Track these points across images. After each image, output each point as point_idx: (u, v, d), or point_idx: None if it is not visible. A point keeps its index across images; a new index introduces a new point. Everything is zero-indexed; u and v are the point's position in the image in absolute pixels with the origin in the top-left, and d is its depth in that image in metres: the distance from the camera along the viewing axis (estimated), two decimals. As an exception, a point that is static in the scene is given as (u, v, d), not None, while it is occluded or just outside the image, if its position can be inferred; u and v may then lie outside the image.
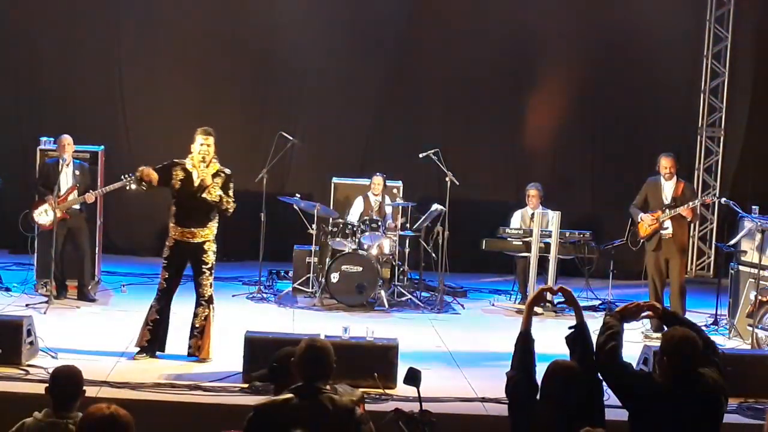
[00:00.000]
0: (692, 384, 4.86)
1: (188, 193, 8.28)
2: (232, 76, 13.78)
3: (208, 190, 8.26)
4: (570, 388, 4.85)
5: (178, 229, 8.33)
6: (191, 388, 7.46)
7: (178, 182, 8.32)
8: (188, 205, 8.30)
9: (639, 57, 13.92)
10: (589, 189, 14.14)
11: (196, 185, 8.28)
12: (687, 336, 4.95)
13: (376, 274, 10.95)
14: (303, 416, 4.46)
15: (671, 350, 4.91)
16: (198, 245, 8.34)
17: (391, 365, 7.75)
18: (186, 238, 8.32)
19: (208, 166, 8.38)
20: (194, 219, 8.31)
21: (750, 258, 10.44)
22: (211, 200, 8.27)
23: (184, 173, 8.34)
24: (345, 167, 12.88)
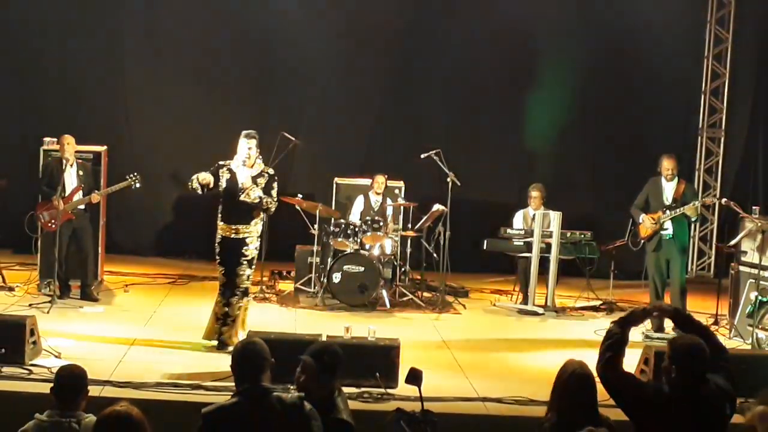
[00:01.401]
0: (697, 391, 4.84)
1: (233, 193, 8.74)
2: (234, 76, 13.81)
3: (247, 192, 8.66)
4: (583, 395, 4.85)
5: (224, 226, 8.80)
6: (193, 387, 7.49)
7: (224, 182, 8.77)
8: (233, 204, 8.73)
9: (640, 58, 13.94)
10: (590, 189, 14.16)
11: (240, 186, 8.72)
12: (694, 343, 4.91)
13: (378, 274, 10.97)
14: (252, 418, 4.45)
15: (678, 358, 4.88)
16: (241, 240, 8.77)
17: (393, 365, 7.77)
18: (231, 234, 8.75)
19: (252, 168, 8.81)
20: (239, 217, 8.76)
21: (750, 258, 10.46)
22: (249, 202, 8.70)
23: (229, 173, 8.81)
24: (347, 167, 12.90)
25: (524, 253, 11.50)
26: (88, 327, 9.42)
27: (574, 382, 4.85)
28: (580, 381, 4.85)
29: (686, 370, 4.82)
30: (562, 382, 4.88)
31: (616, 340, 5.07)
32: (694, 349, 4.86)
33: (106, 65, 13.61)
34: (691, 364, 4.83)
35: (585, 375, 4.87)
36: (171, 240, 13.82)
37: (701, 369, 4.84)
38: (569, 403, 4.80)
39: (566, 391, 4.84)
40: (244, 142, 8.88)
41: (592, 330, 10.30)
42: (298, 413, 4.46)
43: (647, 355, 8.13)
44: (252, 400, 4.49)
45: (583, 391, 4.82)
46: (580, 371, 4.88)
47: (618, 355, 5.02)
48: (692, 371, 4.82)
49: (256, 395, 4.50)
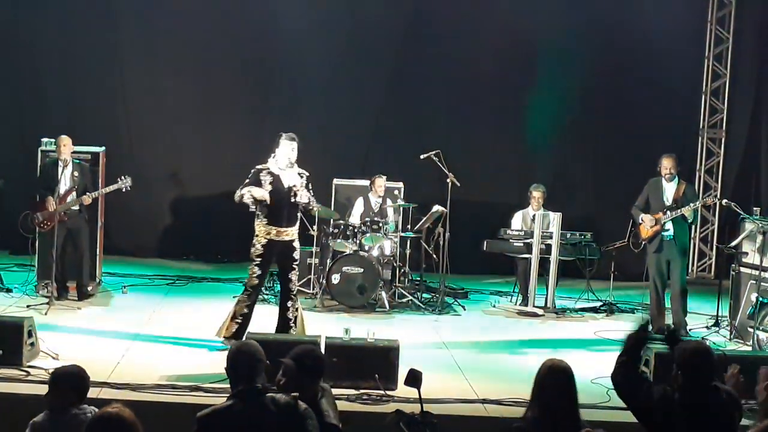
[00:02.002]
0: (706, 398, 4.81)
1: (279, 196, 8.74)
2: (233, 77, 13.79)
3: (299, 194, 8.75)
4: (565, 395, 4.82)
5: (270, 229, 8.77)
6: (192, 389, 7.46)
7: (268, 186, 8.76)
8: (279, 206, 8.75)
9: (640, 58, 13.91)
10: (590, 190, 14.14)
11: (286, 188, 8.76)
12: (699, 348, 4.90)
13: (377, 275, 10.95)
14: (246, 420, 4.44)
15: (684, 364, 4.86)
16: (288, 243, 8.84)
17: (392, 366, 7.74)
18: (278, 237, 8.76)
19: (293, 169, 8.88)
20: (285, 219, 8.82)
21: (751, 260, 10.43)
22: (303, 204, 8.83)
23: (271, 177, 8.81)
24: (346, 168, 12.88)
25: (524, 254, 11.47)
26: (86, 328, 9.39)
27: (549, 376, 4.82)
28: (555, 374, 4.81)
29: (692, 376, 4.80)
30: (539, 378, 4.86)
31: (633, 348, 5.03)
32: (699, 354, 4.84)
33: (106, 66, 13.59)
34: (697, 370, 4.80)
35: (561, 368, 4.83)
36: (169, 241, 13.79)
37: (707, 374, 4.81)
38: (546, 400, 4.77)
39: (543, 386, 4.82)
40: (287, 144, 8.92)
41: (591, 331, 10.28)
42: (292, 413, 4.44)
43: (647, 357, 8.10)
44: (246, 401, 4.47)
45: (557, 385, 4.77)
46: (555, 365, 4.85)
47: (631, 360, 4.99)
48: (698, 377, 4.80)
49: (250, 397, 4.48)
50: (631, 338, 5.09)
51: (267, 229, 8.78)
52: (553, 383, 4.80)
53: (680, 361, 4.87)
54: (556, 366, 4.86)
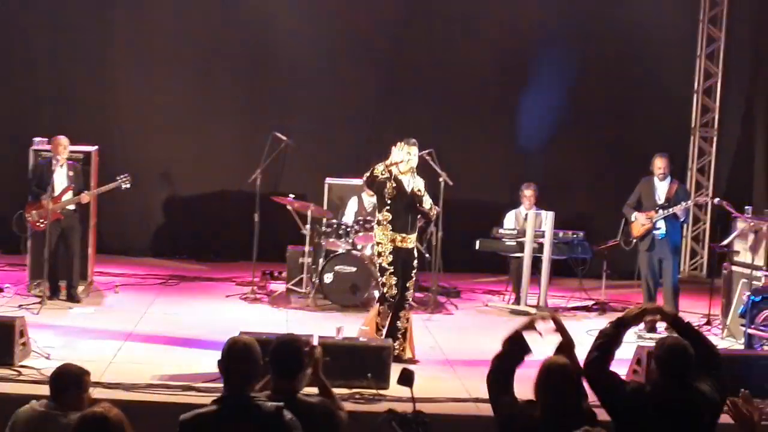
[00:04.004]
0: (678, 395, 4.82)
1: (403, 201, 8.65)
2: (226, 76, 13.76)
3: (422, 199, 8.69)
4: (563, 387, 4.81)
5: (395, 235, 8.68)
6: (185, 388, 7.46)
7: (392, 190, 8.65)
8: (403, 212, 8.68)
9: (632, 57, 13.92)
10: (582, 189, 14.13)
11: (408, 192, 8.66)
12: (678, 344, 4.90)
13: (370, 274, 10.94)
14: (230, 428, 4.38)
15: (661, 358, 4.88)
16: (410, 250, 8.78)
17: (385, 366, 7.75)
18: (403, 243, 8.70)
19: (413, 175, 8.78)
20: (409, 225, 8.76)
21: (743, 258, 10.46)
22: (427, 210, 8.77)
23: (395, 182, 8.67)
24: (339, 168, 12.84)
25: (516, 253, 11.48)
26: (78, 328, 9.38)
27: (549, 374, 4.79)
28: (554, 373, 4.80)
29: (668, 371, 4.81)
30: (539, 377, 4.85)
31: (607, 340, 5.06)
32: (677, 350, 4.84)
33: (97, 65, 13.54)
34: (672, 366, 4.81)
35: (560, 366, 4.82)
36: (162, 240, 13.77)
37: (683, 371, 4.81)
38: (549, 397, 4.76)
39: (544, 385, 4.81)
40: (412, 149, 8.77)
41: (584, 330, 10.28)
42: (277, 423, 4.40)
43: (639, 356, 8.13)
44: (231, 408, 4.42)
45: (557, 382, 4.76)
46: (554, 364, 4.84)
47: (606, 354, 5.01)
48: (673, 373, 4.81)
49: (235, 403, 4.43)
50: (604, 333, 5.12)
51: (390, 235, 8.67)
52: (553, 382, 4.79)
53: (657, 354, 4.89)
54: (555, 364, 4.86)
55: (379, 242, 8.70)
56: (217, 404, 4.46)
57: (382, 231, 8.68)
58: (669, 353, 4.85)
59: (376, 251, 8.76)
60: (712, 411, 4.90)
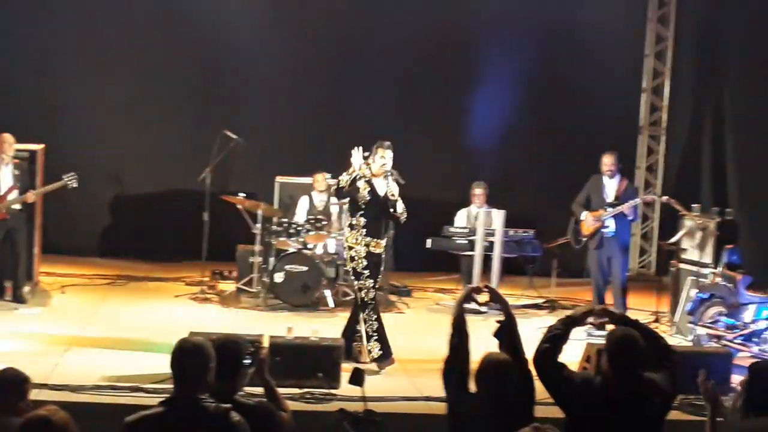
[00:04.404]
0: (631, 387, 4.86)
1: (376, 206, 8.55)
2: (175, 74, 13.63)
3: (396, 204, 8.58)
4: (504, 381, 4.86)
5: (369, 240, 8.57)
6: (132, 389, 7.37)
7: (366, 194, 8.54)
8: (376, 217, 8.59)
9: (581, 55, 14.01)
10: (532, 187, 14.20)
11: (382, 197, 8.55)
12: (627, 335, 4.95)
13: (321, 273, 10.90)
14: (176, 429, 4.34)
15: (610, 349, 4.92)
16: (380, 255, 8.68)
17: (335, 365, 7.73)
18: (375, 248, 8.61)
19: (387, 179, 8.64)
20: (382, 230, 8.70)
21: (690, 256, 10.57)
22: (398, 215, 8.63)
23: (368, 186, 8.58)
24: (290, 166, 12.80)
25: (467, 251, 11.50)
26: (24, 329, 9.24)
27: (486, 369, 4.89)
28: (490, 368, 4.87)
29: (617, 361, 4.86)
30: (477, 372, 4.90)
31: (556, 335, 5.11)
32: (626, 342, 4.89)
33: (44, 62, 13.36)
34: (622, 356, 4.86)
35: (499, 361, 4.89)
36: (109, 240, 13.62)
37: (633, 362, 4.86)
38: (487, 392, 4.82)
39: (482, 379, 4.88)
40: (388, 152, 8.69)
41: (534, 328, 10.32)
42: (224, 425, 4.36)
43: (589, 353, 8.17)
44: (178, 410, 4.37)
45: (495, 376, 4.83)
46: (492, 359, 4.91)
47: (555, 348, 5.06)
48: (623, 364, 4.85)
49: (182, 405, 4.39)
50: (553, 328, 5.17)
51: (367, 241, 8.57)
52: (494, 376, 4.84)
53: (607, 345, 4.94)
54: (494, 359, 4.91)
55: (352, 246, 8.58)
56: (163, 406, 4.40)
57: (356, 236, 8.57)
58: (618, 345, 4.89)
59: (349, 256, 8.62)
60: (663, 403, 4.95)
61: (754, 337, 9.06)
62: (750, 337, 9.08)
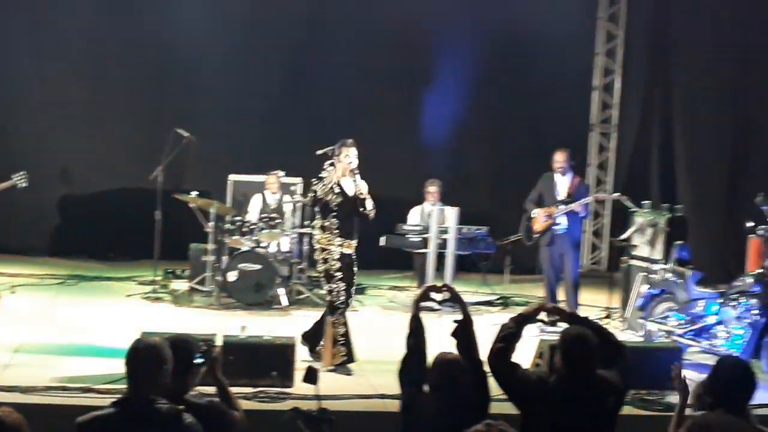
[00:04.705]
0: (585, 385, 4.91)
1: (348, 207, 8.42)
2: (127, 73, 13.52)
3: (365, 202, 8.47)
4: (456, 380, 4.91)
5: (343, 241, 8.43)
6: (84, 390, 7.30)
7: (339, 196, 8.41)
8: (348, 218, 8.45)
9: (534, 54, 14.10)
10: (485, 185, 14.28)
11: (351, 196, 8.44)
12: (580, 334, 5.01)
13: (275, 272, 10.87)
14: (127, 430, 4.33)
15: (564, 347, 4.98)
16: (352, 256, 8.53)
17: (289, 364, 7.71)
18: (348, 249, 8.47)
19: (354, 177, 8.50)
20: (354, 230, 8.53)
21: (641, 252, 10.68)
22: (369, 211, 8.49)
23: (338, 187, 8.43)
24: (243, 164, 12.75)
25: (421, 248, 11.53)
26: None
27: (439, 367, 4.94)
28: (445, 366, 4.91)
29: (570, 359, 4.93)
30: (431, 370, 4.96)
31: (509, 334, 5.17)
32: (579, 338, 4.96)
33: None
34: (575, 354, 4.92)
35: (450, 360, 4.94)
36: (60, 239, 13.49)
37: (586, 359, 4.93)
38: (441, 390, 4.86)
39: (436, 378, 4.93)
40: (351, 150, 8.55)
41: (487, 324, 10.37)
42: (176, 426, 4.33)
43: (542, 349, 8.22)
44: (130, 410, 4.35)
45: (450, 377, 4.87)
46: (445, 358, 4.96)
47: (508, 348, 5.11)
48: (576, 360, 4.92)
49: (134, 405, 4.36)
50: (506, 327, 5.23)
51: (340, 242, 8.40)
52: (446, 375, 4.87)
53: (560, 343, 5.00)
54: (445, 358, 4.95)
55: (325, 249, 8.42)
56: (115, 407, 4.37)
57: (329, 238, 8.42)
58: (572, 343, 4.96)
59: (321, 258, 8.45)
60: (616, 399, 5.02)
61: (703, 332, 9.16)
62: (700, 332, 9.18)
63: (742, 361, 5.13)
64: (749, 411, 4.82)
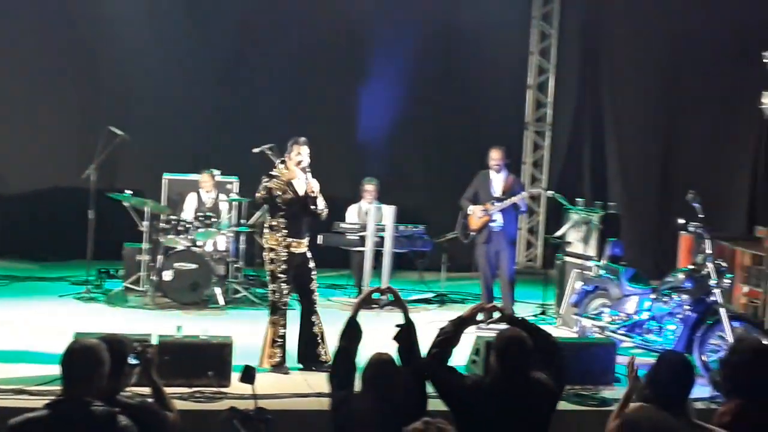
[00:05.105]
0: (519, 387, 4.96)
1: (297, 205, 8.32)
2: (57, 67, 13.30)
3: (318, 201, 8.38)
4: (389, 380, 4.93)
5: (290, 241, 8.32)
6: (16, 392, 7.19)
7: (289, 194, 8.29)
8: (297, 217, 8.34)
9: (469, 53, 14.18)
10: (421, 183, 14.33)
11: (302, 195, 8.33)
12: (515, 336, 5.07)
13: (211, 271, 10.80)
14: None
15: (499, 348, 5.03)
16: (304, 254, 8.43)
17: (226, 363, 7.67)
18: (300, 249, 8.38)
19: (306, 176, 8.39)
20: (304, 229, 8.44)
21: (575, 249, 10.80)
22: (320, 210, 8.41)
23: (287, 186, 8.32)
24: (178, 163, 12.63)
25: (358, 247, 11.55)
26: None
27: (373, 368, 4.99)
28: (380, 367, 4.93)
29: (506, 361, 4.97)
30: (364, 372, 4.98)
31: (446, 338, 5.22)
32: (514, 341, 5.01)
33: None
34: (510, 356, 4.97)
35: (384, 361, 4.96)
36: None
37: (521, 362, 4.98)
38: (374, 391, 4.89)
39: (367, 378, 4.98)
40: (305, 149, 8.51)
41: (425, 322, 10.42)
42: (111, 428, 4.29)
43: (478, 346, 8.29)
44: (63, 412, 4.29)
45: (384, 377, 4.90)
46: (379, 359, 4.98)
47: (444, 352, 5.17)
48: (512, 363, 4.96)
49: (67, 408, 4.31)
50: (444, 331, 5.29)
51: (288, 242, 8.30)
52: (380, 375, 4.89)
53: (495, 344, 5.06)
54: (379, 359, 4.97)
55: (272, 248, 8.33)
56: (48, 408, 4.32)
57: (276, 237, 8.32)
58: (507, 344, 5.00)
59: (269, 258, 8.36)
60: (550, 400, 5.08)
61: (636, 327, 9.29)
62: (633, 327, 9.30)
63: (682, 356, 5.21)
64: (689, 405, 4.88)
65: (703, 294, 8.90)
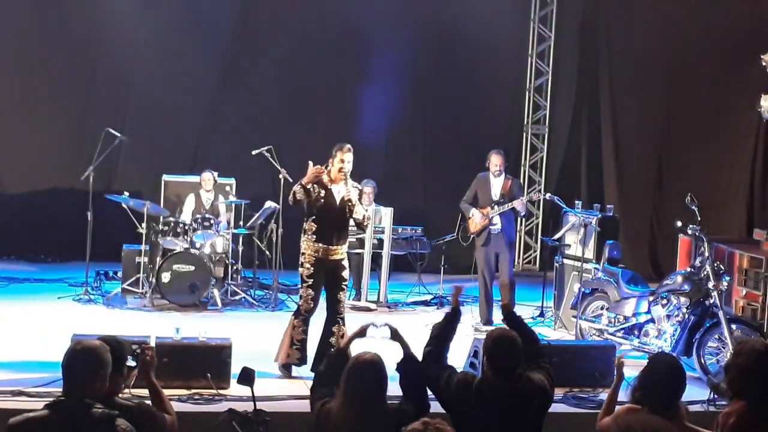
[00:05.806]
0: (510, 386, 4.97)
1: (331, 211, 8.19)
2: (55, 67, 13.30)
3: (354, 209, 8.23)
4: (367, 383, 4.91)
5: (320, 247, 8.18)
6: (15, 393, 7.19)
7: (321, 199, 8.17)
8: (331, 222, 8.20)
9: (468, 54, 14.18)
10: (420, 185, 14.34)
11: (338, 202, 8.21)
12: (504, 334, 5.09)
13: (209, 273, 10.80)
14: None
15: (489, 347, 5.05)
16: (338, 262, 8.26)
17: (225, 365, 7.67)
18: (328, 255, 8.20)
19: (345, 183, 8.27)
20: (337, 236, 8.25)
21: (573, 251, 10.81)
22: (357, 219, 8.28)
23: (324, 190, 8.20)
24: (176, 164, 12.64)
25: (356, 248, 11.54)
26: None
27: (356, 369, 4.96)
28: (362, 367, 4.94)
29: (495, 359, 4.98)
30: (346, 374, 4.96)
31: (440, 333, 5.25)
32: (503, 341, 5.02)
33: None
34: (499, 354, 4.98)
35: (368, 361, 4.96)
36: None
37: (510, 361, 4.99)
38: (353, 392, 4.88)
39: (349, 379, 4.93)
40: (347, 155, 8.34)
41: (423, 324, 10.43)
42: (109, 430, 4.29)
43: (476, 348, 8.28)
44: (63, 413, 4.30)
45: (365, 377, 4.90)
46: (363, 359, 4.98)
47: (439, 349, 5.17)
48: (501, 363, 4.97)
49: (67, 409, 4.31)
50: (437, 328, 5.30)
51: (317, 247, 8.16)
52: (360, 375, 4.88)
53: (485, 343, 5.07)
54: (363, 359, 4.96)
55: (303, 252, 8.26)
56: (49, 409, 4.32)
57: (306, 241, 8.24)
58: (496, 344, 5.02)
59: (300, 261, 8.31)
60: (541, 400, 5.07)
61: (634, 330, 9.30)
62: (631, 330, 9.31)
63: (674, 359, 5.22)
64: (681, 407, 4.89)
65: (701, 297, 8.91)
